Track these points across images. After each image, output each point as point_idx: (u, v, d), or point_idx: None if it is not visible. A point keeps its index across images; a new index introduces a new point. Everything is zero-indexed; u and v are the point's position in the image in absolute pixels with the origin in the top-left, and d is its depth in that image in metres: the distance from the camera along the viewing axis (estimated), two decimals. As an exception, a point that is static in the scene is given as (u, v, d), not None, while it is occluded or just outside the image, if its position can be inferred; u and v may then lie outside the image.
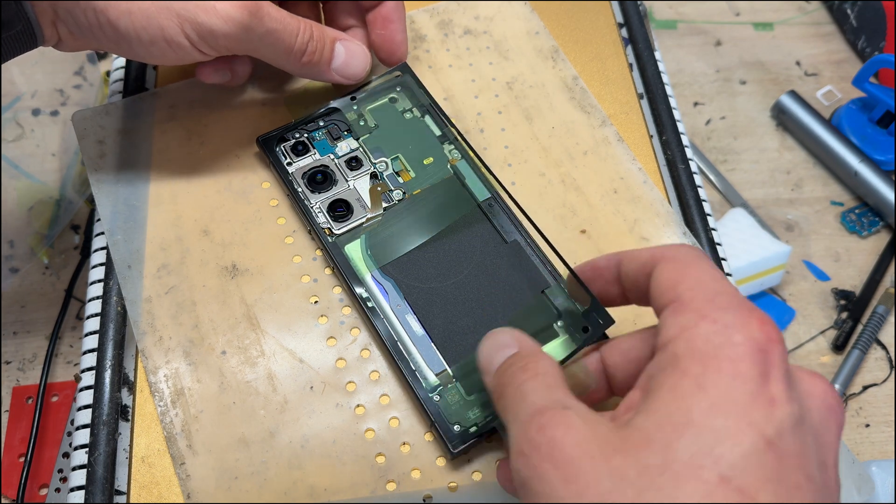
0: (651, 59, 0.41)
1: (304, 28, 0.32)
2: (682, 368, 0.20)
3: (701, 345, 0.20)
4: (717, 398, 0.20)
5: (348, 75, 0.35)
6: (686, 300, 0.22)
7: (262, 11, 0.30)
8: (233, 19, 0.28)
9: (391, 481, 0.29)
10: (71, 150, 0.52)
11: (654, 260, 0.24)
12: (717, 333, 0.21)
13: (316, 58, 0.33)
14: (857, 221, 0.54)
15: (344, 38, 0.34)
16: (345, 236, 0.33)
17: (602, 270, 0.27)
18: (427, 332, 0.31)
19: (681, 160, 0.38)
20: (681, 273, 0.23)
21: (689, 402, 0.20)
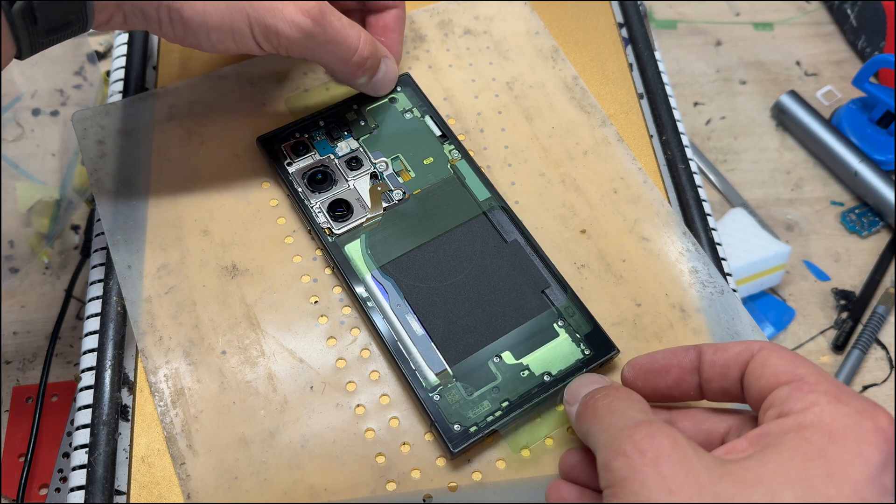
0: (651, 59, 0.41)
1: (364, 41, 0.32)
2: (807, 437, 0.21)
3: (829, 420, 0.22)
4: (836, 470, 0.21)
5: (378, 90, 0.36)
6: (811, 381, 0.23)
7: (326, 20, 0.30)
8: (298, 25, 0.29)
9: (391, 481, 0.29)
10: (71, 150, 0.52)
11: (749, 349, 0.25)
12: (847, 415, 0.22)
13: (370, 73, 0.34)
14: (857, 221, 0.54)
15: (388, 55, 0.35)
16: (345, 236, 0.33)
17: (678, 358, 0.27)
18: (427, 331, 0.31)
19: (681, 160, 0.38)
20: (794, 360, 0.24)
21: (808, 465, 0.21)
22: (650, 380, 0.27)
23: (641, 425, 0.22)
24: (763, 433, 0.22)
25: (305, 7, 0.29)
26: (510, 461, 0.29)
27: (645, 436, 0.22)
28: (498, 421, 0.29)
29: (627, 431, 0.22)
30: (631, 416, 0.23)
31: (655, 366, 0.27)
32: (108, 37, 0.59)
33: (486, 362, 0.30)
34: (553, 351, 0.31)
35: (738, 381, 0.25)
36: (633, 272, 0.34)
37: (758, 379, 0.24)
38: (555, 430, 0.30)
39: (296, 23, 0.29)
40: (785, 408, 0.23)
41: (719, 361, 0.26)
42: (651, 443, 0.22)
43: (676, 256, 0.34)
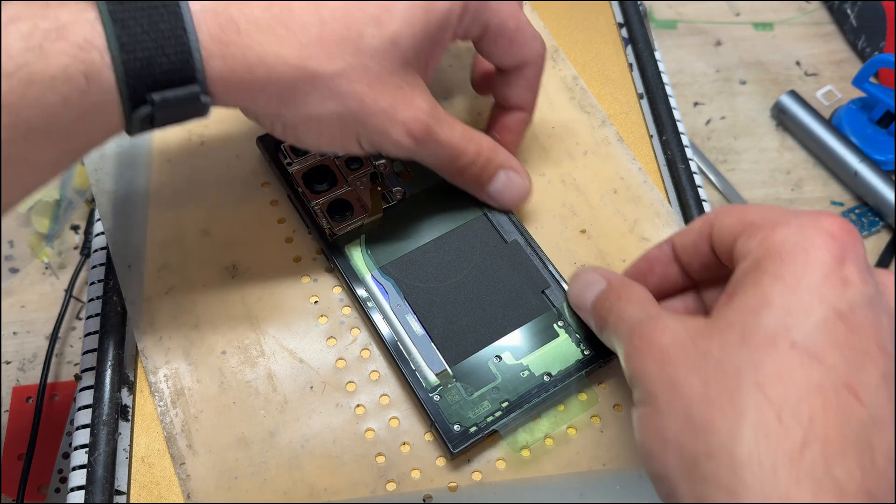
0: (651, 59, 0.41)
1: (471, 151, 0.32)
2: (762, 268, 0.22)
3: (778, 245, 0.22)
4: (792, 283, 0.22)
5: (499, 202, 0.34)
6: (758, 221, 0.24)
7: (431, 139, 0.30)
8: (401, 145, 0.29)
9: (391, 481, 0.29)
10: (71, 150, 0.52)
11: (707, 221, 0.26)
12: (792, 233, 0.22)
13: (472, 179, 0.33)
14: (857, 221, 0.54)
15: (512, 166, 0.33)
16: (345, 236, 0.33)
17: (656, 258, 0.29)
18: (427, 331, 0.31)
19: (681, 160, 0.38)
20: (742, 211, 0.25)
21: (766, 290, 0.22)
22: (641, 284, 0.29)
23: (635, 328, 0.25)
24: (733, 282, 0.24)
25: (412, 129, 0.29)
26: (510, 461, 0.29)
27: (639, 336, 0.24)
28: (498, 421, 0.29)
29: (628, 339, 0.25)
30: (630, 319, 0.26)
31: (639, 270, 0.29)
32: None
33: (486, 362, 0.30)
34: (553, 351, 0.31)
35: (712, 254, 0.26)
36: (633, 272, 0.34)
37: (721, 244, 0.25)
38: (555, 430, 0.30)
39: (400, 144, 0.29)
40: (743, 254, 0.24)
41: (688, 243, 0.27)
42: (643, 340, 0.24)
43: (676, 256, 0.34)
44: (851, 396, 0.20)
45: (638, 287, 0.28)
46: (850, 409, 0.20)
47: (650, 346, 0.24)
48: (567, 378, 0.30)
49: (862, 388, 0.20)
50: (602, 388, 0.31)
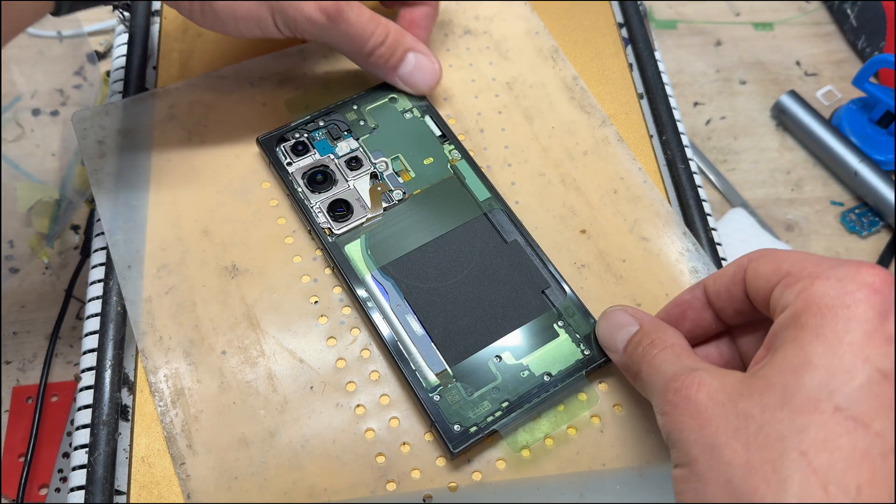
0: (651, 59, 0.41)
1: (379, 32, 0.34)
2: (801, 323, 0.22)
3: (818, 300, 0.22)
4: (833, 341, 0.21)
5: (411, 84, 0.36)
6: (795, 272, 0.23)
7: (341, 17, 0.33)
8: (312, 20, 0.32)
9: (391, 481, 0.29)
10: (71, 150, 0.52)
11: (741, 267, 0.26)
12: (831, 287, 0.22)
13: (382, 61, 0.35)
14: (857, 221, 0.54)
15: (420, 50, 0.36)
16: (345, 236, 0.33)
17: (688, 302, 0.28)
18: (427, 332, 0.31)
19: (681, 160, 0.38)
20: (777, 259, 0.24)
21: (807, 349, 0.21)
22: None
23: (671, 382, 0.24)
24: (771, 336, 0.23)
25: (324, 6, 0.32)
26: (510, 461, 0.29)
27: (674, 392, 0.23)
28: (498, 421, 0.29)
29: (663, 393, 0.24)
30: (665, 371, 0.25)
31: (671, 315, 0.28)
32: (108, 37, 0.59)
33: (486, 362, 0.30)
34: (553, 351, 0.31)
35: (746, 300, 0.26)
36: (633, 272, 0.34)
37: (756, 292, 0.25)
38: (555, 430, 0.30)
39: (311, 18, 0.32)
40: (781, 305, 0.23)
41: (722, 289, 0.26)
42: (680, 395, 0.23)
43: (676, 256, 0.34)
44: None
45: (672, 333, 0.27)
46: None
47: (687, 403, 0.23)
48: (567, 378, 0.30)
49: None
50: (602, 388, 0.31)
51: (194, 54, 0.40)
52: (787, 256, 0.24)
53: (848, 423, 0.20)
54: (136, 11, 0.42)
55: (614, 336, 0.28)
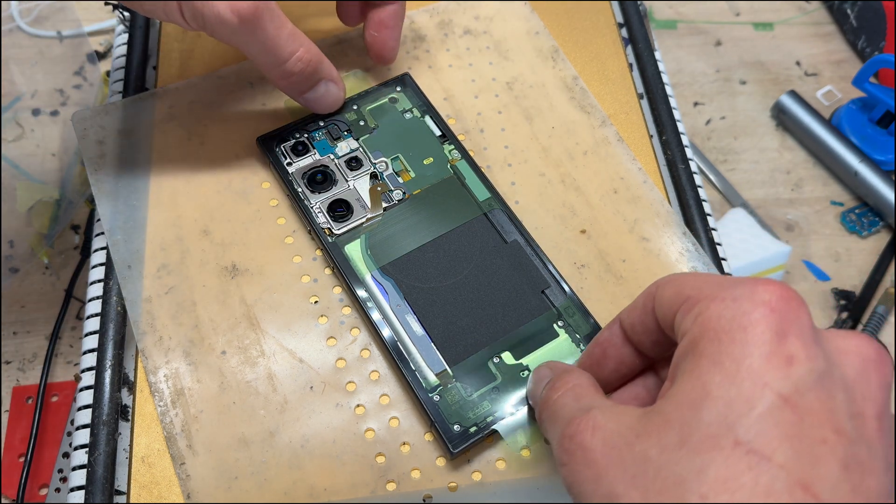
0: (651, 59, 0.41)
1: (299, 56, 0.32)
2: (699, 351, 0.20)
3: (714, 323, 0.20)
4: (731, 368, 0.19)
5: (311, 106, 0.35)
6: (694, 295, 0.22)
7: (258, 23, 0.29)
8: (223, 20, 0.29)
9: (391, 481, 0.29)
10: (71, 150, 0.52)
11: (650, 295, 0.24)
12: (727, 308, 0.20)
13: (293, 85, 0.33)
14: (857, 221, 0.54)
15: (332, 78, 0.34)
16: (345, 236, 0.33)
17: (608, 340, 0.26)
18: (427, 332, 0.31)
19: (681, 160, 0.38)
20: (679, 283, 0.23)
21: (705, 379, 0.20)
22: (597, 374, 0.26)
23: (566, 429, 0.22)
24: (673, 366, 0.21)
25: (238, 6, 0.28)
26: (510, 461, 0.29)
27: (569, 439, 0.22)
28: (498, 421, 0.29)
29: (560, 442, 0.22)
30: (562, 416, 0.23)
31: (593, 356, 0.26)
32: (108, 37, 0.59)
33: (486, 362, 0.30)
34: (553, 351, 0.31)
35: (660, 330, 0.24)
36: (633, 272, 0.34)
37: (664, 319, 0.23)
38: (555, 431, 0.30)
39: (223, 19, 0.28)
40: (681, 332, 0.21)
41: (636, 321, 0.25)
42: (574, 443, 0.21)
43: (676, 256, 0.34)
44: (807, 496, 0.18)
45: (577, 374, 0.25)
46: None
47: (582, 450, 0.21)
48: (567, 378, 0.30)
49: (819, 483, 0.18)
50: (602, 388, 0.31)
51: (194, 54, 0.40)
52: (689, 280, 0.22)
53: (749, 457, 0.18)
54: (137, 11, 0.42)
55: (536, 395, 0.26)
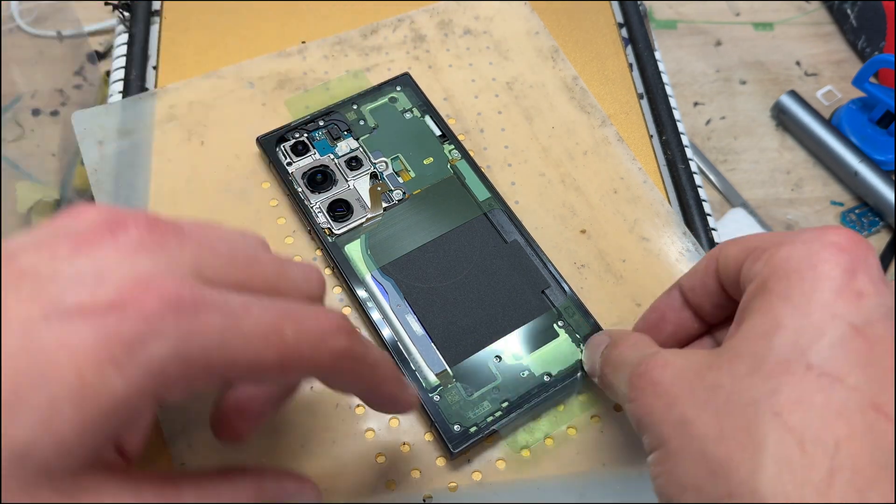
0: (651, 59, 0.41)
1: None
2: (768, 289, 0.21)
3: (784, 264, 0.21)
4: (801, 301, 0.20)
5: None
6: (761, 245, 0.22)
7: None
8: None
9: (391, 481, 0.29)
10: (71, 150, 0.52)
11: (712, 258, 0.25)
12: (797, 250, 0.21)
13: None
14: (857, 221, 0.54)
15: None
16: (345, 236, 0.33)
17: (666, 304, 0.27)
18: (427, 332, 0.31)
19: (681, 160, 0.38)
20: (745, 239, 0.24)
21: (775, 312, 0.20)
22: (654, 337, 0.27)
23: (636, 367, 0.23)
24: (740, 310, 0.22)
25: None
26: (510, 461, 0.29)
27: (638, 377, 0.22)
28: (498, 421, 0.29)
29: (628, 384, 0.23)
30: (628, 364, 0.24)
31: (651, 322, 0.27)
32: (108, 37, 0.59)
33: (486, 363, 0.30)
34: (553, 351, 0.31)
35: (722, 292, 0.25)
36: (633, 272, 0.34)
37: (727, 277, 0.24)
38: (555, 430, 0.30)
39: None
40: (749, 279, 0.22)
41: (696, 283, 0.26)
42: (644, 379, 0.22)
43: (676, 256, 0.34)
44: (880, 416, 0.19)
45: (636, 335, 0.26)
46: (880, 431, 0.18)
47: (653, 384, 0.22)
48: (567, 378, 0.30)
49: (889, 405, 0.19)
50: (602, 388, 0.31)
51: (194, 54, 0.40)
52: (755, 235, 0.24)
53: (822, 380, 0.19)
54: (136, 11, 0.42)
55: (594, 360, 0.27)
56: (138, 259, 0.19)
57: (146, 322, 0.18)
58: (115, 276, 0.18)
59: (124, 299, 0.18)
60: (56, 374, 0.17)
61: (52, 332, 0.17)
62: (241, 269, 0.21)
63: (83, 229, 0.20)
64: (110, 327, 0.18)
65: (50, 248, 0.19)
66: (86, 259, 0.19)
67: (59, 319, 0.18)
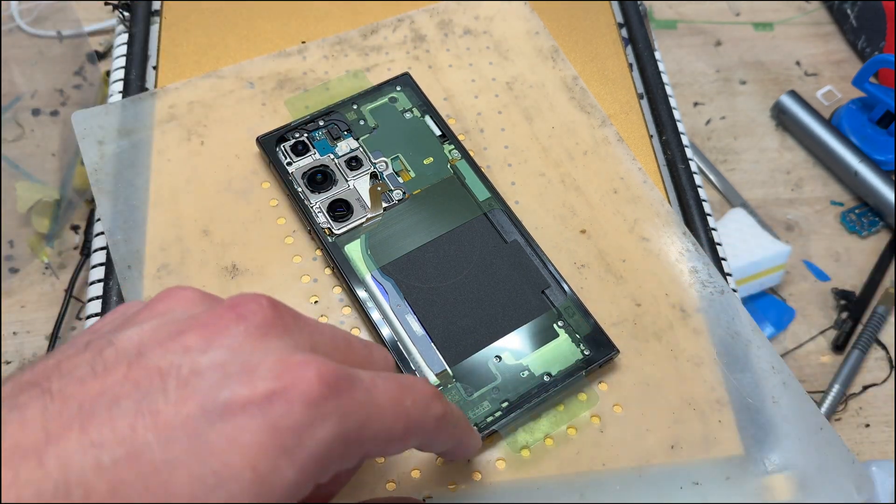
0: (651, 59, 0.41)
1: None
2: None
3: None
4: None
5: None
6: None
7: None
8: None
9: (391, 481, 0.29)
10: (71, 150, 0.52)
11: None
12: None
13: None
14: (857, 221, 0.54)
15: None
16: (345, 236, 0.33)
17: None
18: (427, 332, 0.31)
19: (681, 160, 0.38)
20: None
21: None
22: None
23: None
24: None
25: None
26: (510, 461, 0.29)
27: None
28: (498, 421, 0.29)
29: None
30: None
31: None
32: (108, 37, 0.59)
33: (486, 363, 0.30)
34: (553, 351, 0.31)
35: None
36: (633, 272, 0.34)
37: None
38: (555, 430, 0.30)
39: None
40: None
41: None
42: None
43: (676, 256, 0.34)
44: None
45: None
46: None
47: None
48: (567, 378, 0.30)
49: None
50: (602, 388, 0.31)
51: (194, 54, 0.40)
52: None
53: None
54: (136, 11, 0.42)
55: None
56: (271, 343, 0.19)
57: (313, 406, 0.18)
58: (265, 363, 0.18)
59: (285, 386, 0.18)
60: (232, 473, 0.17)
61: (217, 430, 0.17)
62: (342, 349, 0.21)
63: (206, 319, 0.19)
64: (277, 417, 0.18)
65: (178, 341, 0.19)
66: (220, 350, 0.18)
67: (221, 417, 0.17)
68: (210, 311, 0.19)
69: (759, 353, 0.32)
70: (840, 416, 0.47)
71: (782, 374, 0.31)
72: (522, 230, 0.34)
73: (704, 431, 0.30)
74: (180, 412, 0.17)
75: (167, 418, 0.17)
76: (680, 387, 0.31)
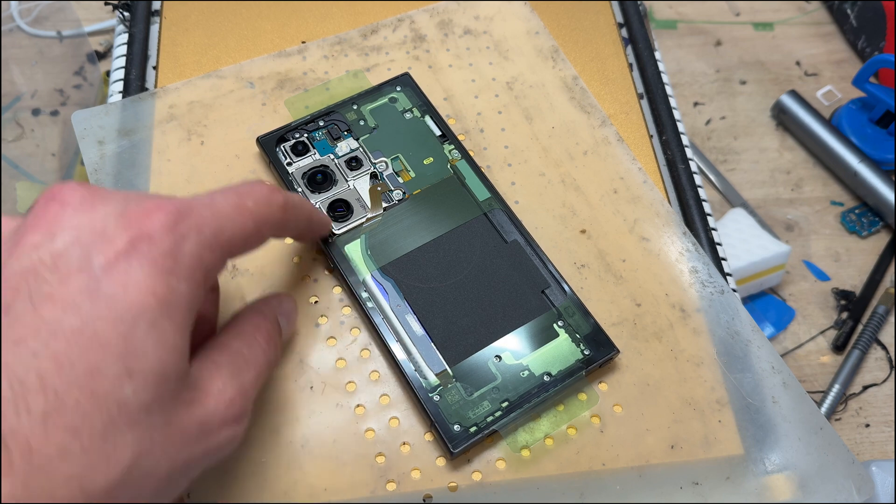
0: (651, 59, 0.41)
1: None
2: None
3: None
4: None
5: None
6: None
7: None
8: None
9: (391, 481, 0.29)
10: (71, 150, 0.52)
11: None
12: None
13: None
14: (857, 221, 0.54)
15: None
16: (345, 236, 0.33)
17: None
18: (427, 332, 0.31)
19: (681, 160, 0.38)
20: None
21: None
22: None
23: None
24: None
25: None
26: (510, 461, 0.29)
27: None
28: (498, 421, 0.29)
29: None
30: None
31: None
32: (108, 37, 0.59)
33: (486, 362, 0.30)
34: (553, 351, 0.31)
35: None
36: (633, 272, 0.34)
37: None
38: (555, 430, 0.30)
39: None
40: None
41: None
42: None
43: (676, 256, 0.34)
44: None
45: None
46: None
47: None
48: (567, 378, 0.30)
49: None
50: (602, 388, 0.31)
51: (194, 54, 0.40)
52: None
53: None
54: (136, 11, 0.42)
55: None
56: (101, 210, 0.22)
57: (169, 232, 0.21)
58: (109, 224, 0.21)
59: (140, 230, 0.21)
60: (140, 306, 0.20)
61: (109, 284, 0.20)
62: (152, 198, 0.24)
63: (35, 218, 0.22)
64: (148, 252, 0.21)
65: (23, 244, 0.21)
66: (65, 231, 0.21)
67: (106, 273, 0.20)
68: (32, 212, 0.22)
69: (759, 353, 0.32)
70: (840, 416, 0.47)
71: (782, 374, 0.31)
72: (522, 230, 0.34)
73: (704, 431, 0.30)
74: (69, 288, 0.20)
75: (62, 296, 0.20)
76: (680, 387, 0.31)
